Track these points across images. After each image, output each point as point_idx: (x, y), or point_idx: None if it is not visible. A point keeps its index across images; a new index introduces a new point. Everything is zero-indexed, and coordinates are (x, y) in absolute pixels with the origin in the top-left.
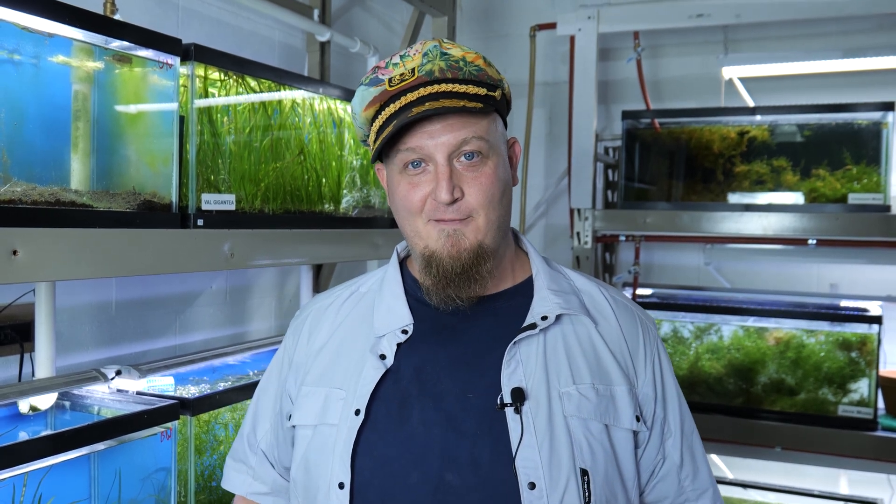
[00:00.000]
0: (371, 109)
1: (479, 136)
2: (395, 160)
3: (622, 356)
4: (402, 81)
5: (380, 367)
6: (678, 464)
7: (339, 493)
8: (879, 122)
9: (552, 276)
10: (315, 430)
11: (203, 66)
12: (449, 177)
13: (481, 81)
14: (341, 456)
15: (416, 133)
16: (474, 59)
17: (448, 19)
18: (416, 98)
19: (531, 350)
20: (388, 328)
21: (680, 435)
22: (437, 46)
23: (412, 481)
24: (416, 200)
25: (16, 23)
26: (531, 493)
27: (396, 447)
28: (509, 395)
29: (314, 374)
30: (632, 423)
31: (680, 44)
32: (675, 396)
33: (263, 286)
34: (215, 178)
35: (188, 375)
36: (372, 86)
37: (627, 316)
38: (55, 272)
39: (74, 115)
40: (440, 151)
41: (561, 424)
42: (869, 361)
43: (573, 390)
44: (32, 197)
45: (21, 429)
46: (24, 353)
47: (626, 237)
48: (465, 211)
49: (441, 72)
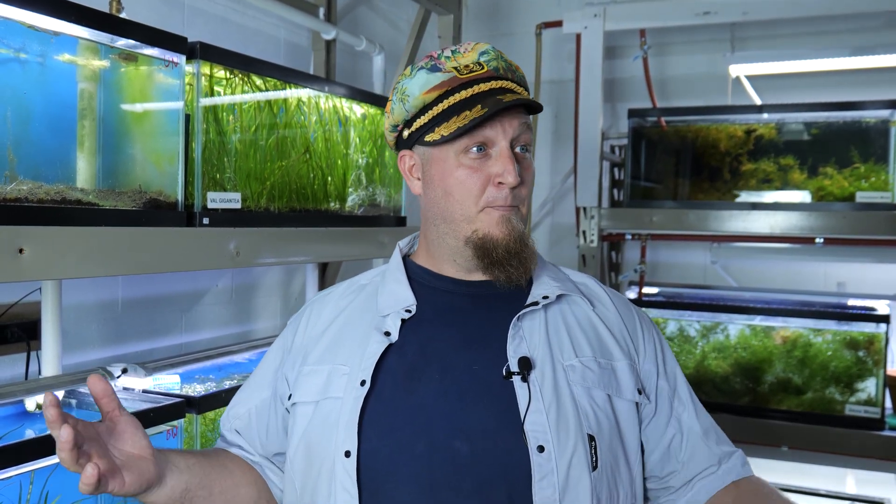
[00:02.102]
0: (435, 93)
1: (530, 133)
2: (456, 144)
3: (621, 335)
4: (471, 72)
5: (384, 341)
6: (701, 433)
7: (345, 462)
8: (888, 119)
9: (550, 268)
10: (317, 405)
11: (209, 64)
12: (516, 162)
13: (526, 87)
14: (347, 425)
15: (489, 120)
16: (517, 68)
17: (454, 17)
18: (490, 89)
19: (534, 325)
20: (392, 308)
21: (693, 406)
22: (493, 48)
23: (419, 450)
24: (476, 184)
25: (22, 21)
26: (540, 455)
27: (403, 416)
28: (516, 364)
29: (315, 355)
30: (633, 395)
31: (686, 42)
32: (682, 376)
33: (269, 285)
34: (221, 177)
35: (194, 374)
36: (435, 71)
37: (624, 305)
38: (61, 270)
39: (80, 114)
40: (505, 139)
41: (566, 392)
42: (876, 360)
43: (576, 362)
44: (38, 195)
45: (28, 427)
46: (31, 351)
47: (632, 236)
48: (519, 198)
49: (504, 70)
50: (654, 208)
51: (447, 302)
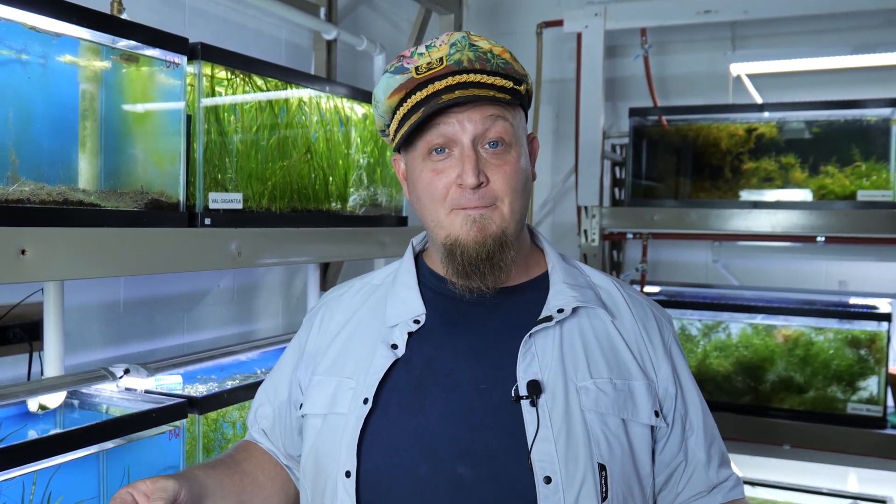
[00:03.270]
0: (396, 97)
1: (504, 125)
2: (419, 147)
3: (639, 351)
4: (429, 70)
5: (390, 356)
6: (704, 462)
7: (345, 482)
8: (889, 118)
9: (568, 270)
10: (324, 419)
11: (210, 64)
12: (475, 160)
13: (508, 75)
14: (348, 444)
15: (443, 119)
16: (501, 53)
17: (455, 17)
18: (445, 86)
19: (547, 343)
20: (400, 318)
21: (703, 432)
22: (464, 37)
23: (422, 473)
24: (440, 187)
25: (23, 23)
26: (547, 487)
27: (406, 437)
28: (525, 387)
29: (325, 364)
30: (650, 419)
31: (687, 40)
32: (695, 393)
33: (271, 285)
34: (222, 177)
35: (196, 374)
36: (397, 74)
37: (643, 312)
38: (63, 271)
39: (82, 115)
40: (466, 136)
41: (578, 418)
42: (878, 359)
43: (590, 384)
44: (41, 196)
45: (30, 427)
46: (33, 351)
47: (633, 235)
48: (490, 198)
49: (469, 62)
50: (656, 207)
51: (455, 309)
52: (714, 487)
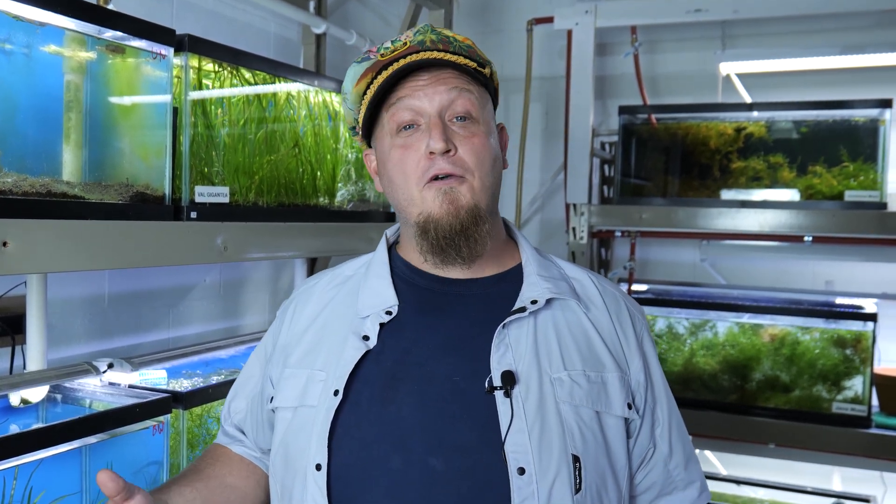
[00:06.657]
0: (363, 82)
1: (470, 98)
2: (387, 126)
3: (613, 343)
4: (394, 52)
5: (360, 348)
6: (666, 454)
7: (315, 476)
8: (877, 119)
9: (542, 262)
10: (295, 412)
11: (197, 57)
12: (442, 128)
13: (471, 57)
14: (319, 437)
15: (409, 93)
16: (464, 40)
17: (445, 12)
18: (407, 63)
19: (521, 334)
20: (372, 309)
21: (668, 425)
22: (427, 25)
23: (394, 465)
24: (410, 163)
25: (7, 11)
26: (520, 478)
27: (377, 429)
28: (499, 378)
29: (296, 357)
30: (623, 411)
31: (677, 39)
32: (662, 386)
33: (257, 280)
34: (209, 171)
35: (181, 369)
36: (363, 62)
37: (616, 304)
38: (46, 264)
39: (66, 106)
40: (433, 106)
41: (552, 410)
42: (863, 359)
43: (565, 376)
44: (23, 188)
45: (12, 422)
46: (16, 345)
47: (621, 233)
48: (460, 165)
49: (433, 42)
50: (644, 205)
51: (428, 300)
52: (673, 487)
